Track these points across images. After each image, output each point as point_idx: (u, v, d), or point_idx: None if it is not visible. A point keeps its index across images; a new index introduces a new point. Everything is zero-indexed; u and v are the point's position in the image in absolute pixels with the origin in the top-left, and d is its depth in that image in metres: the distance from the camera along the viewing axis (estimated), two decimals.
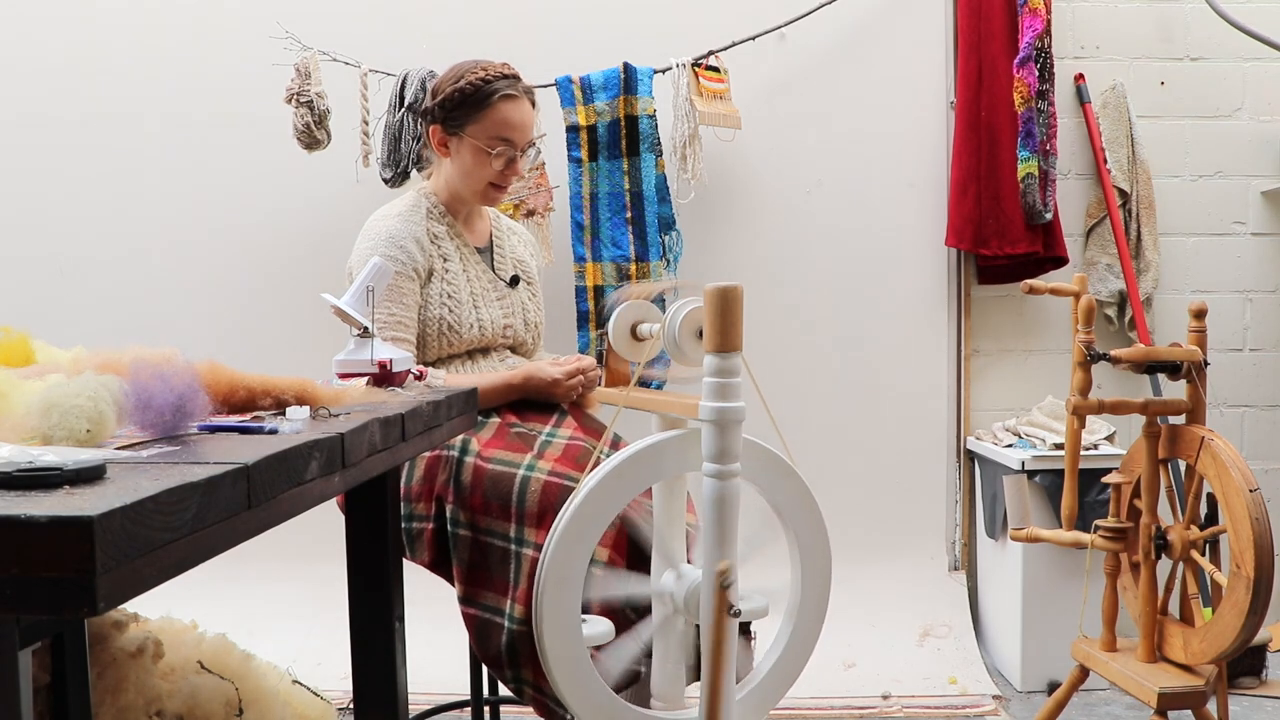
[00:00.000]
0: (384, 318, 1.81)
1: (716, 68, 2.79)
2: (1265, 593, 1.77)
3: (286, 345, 2.86)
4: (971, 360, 3.04)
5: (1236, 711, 2.46)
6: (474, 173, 1.90)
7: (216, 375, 1.07)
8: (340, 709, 2.31)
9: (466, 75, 1.88)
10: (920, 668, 2.73)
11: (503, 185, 1.93)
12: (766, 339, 2.91)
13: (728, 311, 1.22)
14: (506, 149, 1.89)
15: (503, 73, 1.89)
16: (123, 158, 2.96)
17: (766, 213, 2.98)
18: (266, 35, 2.69)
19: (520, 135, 1.90)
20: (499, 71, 1.89)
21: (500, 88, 1.87)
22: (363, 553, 1.35)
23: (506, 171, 1.91)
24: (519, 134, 1.90)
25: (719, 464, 1.25)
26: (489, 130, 1.88)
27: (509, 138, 1.89)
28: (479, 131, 1.88)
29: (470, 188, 1.92)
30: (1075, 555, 2.55)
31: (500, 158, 1.89)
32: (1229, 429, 3.05)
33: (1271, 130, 3.04)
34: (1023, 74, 2.78)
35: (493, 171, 1.90)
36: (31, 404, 0.87)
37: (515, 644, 1.60)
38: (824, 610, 1.48)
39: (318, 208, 2.91)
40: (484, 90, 1.87)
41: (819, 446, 2.89)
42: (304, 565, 2.77)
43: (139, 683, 1.44)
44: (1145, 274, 2.98)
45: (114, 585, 0.60)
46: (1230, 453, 1.84)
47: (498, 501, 1.67)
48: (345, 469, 0.98)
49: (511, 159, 1.90)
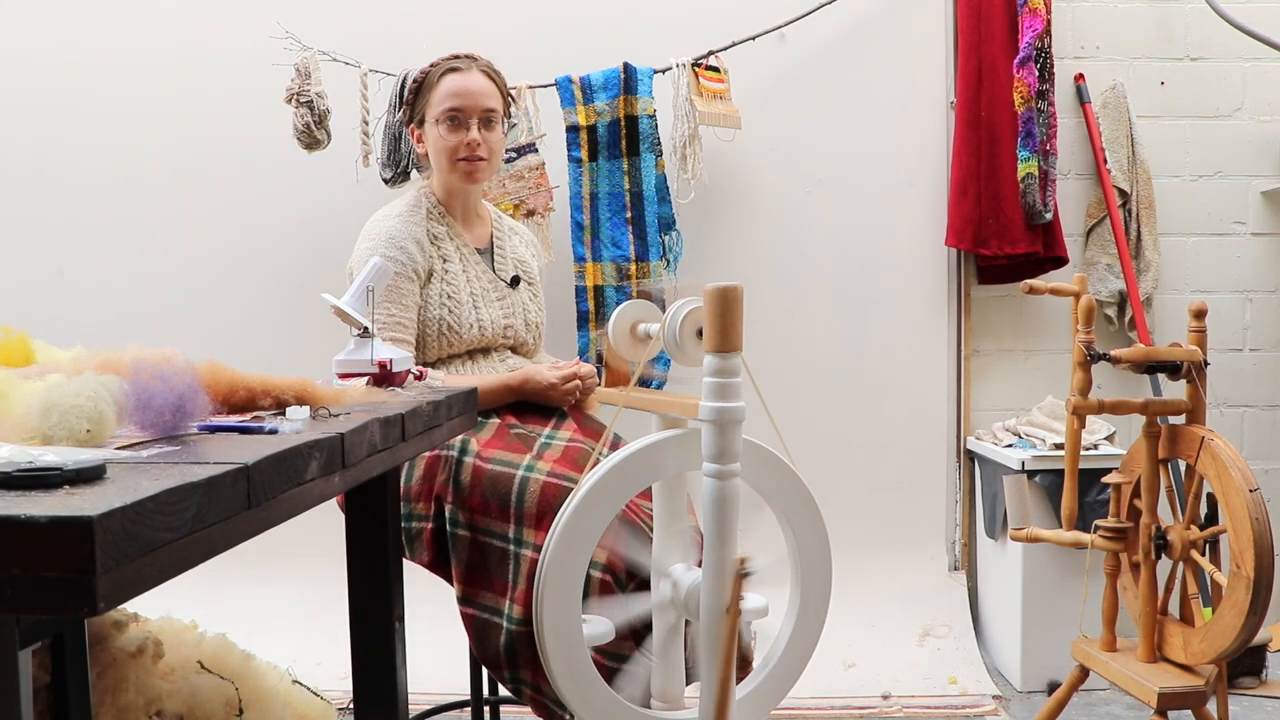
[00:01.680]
0: (383, 318, 1.82)
1: (716, 68, 2.79)
2: (1265, 593, 1.77)
3: (286, 345, 2.86)
4: (971, 360, 3.04)
5: (1236, 711, 2.46)
6: (440, 150, 1.93)
7: (216, 375, 1.07)
8: (340, 709, 2.31)
9: (422, 69, 1.95)
10: (920, 668, 2.73)
11: (470, 158, 1.92)
12: (766, 339, 2.91)
13: (728, 311, 1.22)
14: (457, 116, 1.90)
15: (453, 55, 1.95)
16: (122, 157, 2.96)
17: (766, 213, 2.98)
18: (266, 35, 2.69)
19: (468, 101, 1.91)
20: (450, 56, 1.94)
21: (444, 65, 1.93)
22: (363, 553, 1.35)
23: (467, 142, 1.91)
24: (467, 100, 1.91)
25: (719, 464, 1.25)
26: (438, 105, 1.92)
27: (456, 106, 1.91)
28: (431, 111, 1.93)
29: (442, 169, 1.95)
30: (1075, 555, 2.55)
31: (452, 126, 1.90)
32: (1229, 429, 3.05)
33: (1271, 130, 3.04)
34: (1023, 74, 2.78)
35: (450, 143, 1.91)
36: (31, 404, 0.87)
37: (514, 644, 1.60)
38: (824, 610, 1.48)
39: (318, 208, 2.91)
40: (431, 74, 1.94)
41: (819, 446, 2.89)
42: (304, 565, 2.77)
43: (139, 683, 1.44)
44: (1145, 274, 2.98)
45: (114, 585, 0.60)
46: (1230, 453, 1.84)
47: (497, 502, 1.67)
48: (345, 469, 0.98)
49: (465, 126, 1.91)
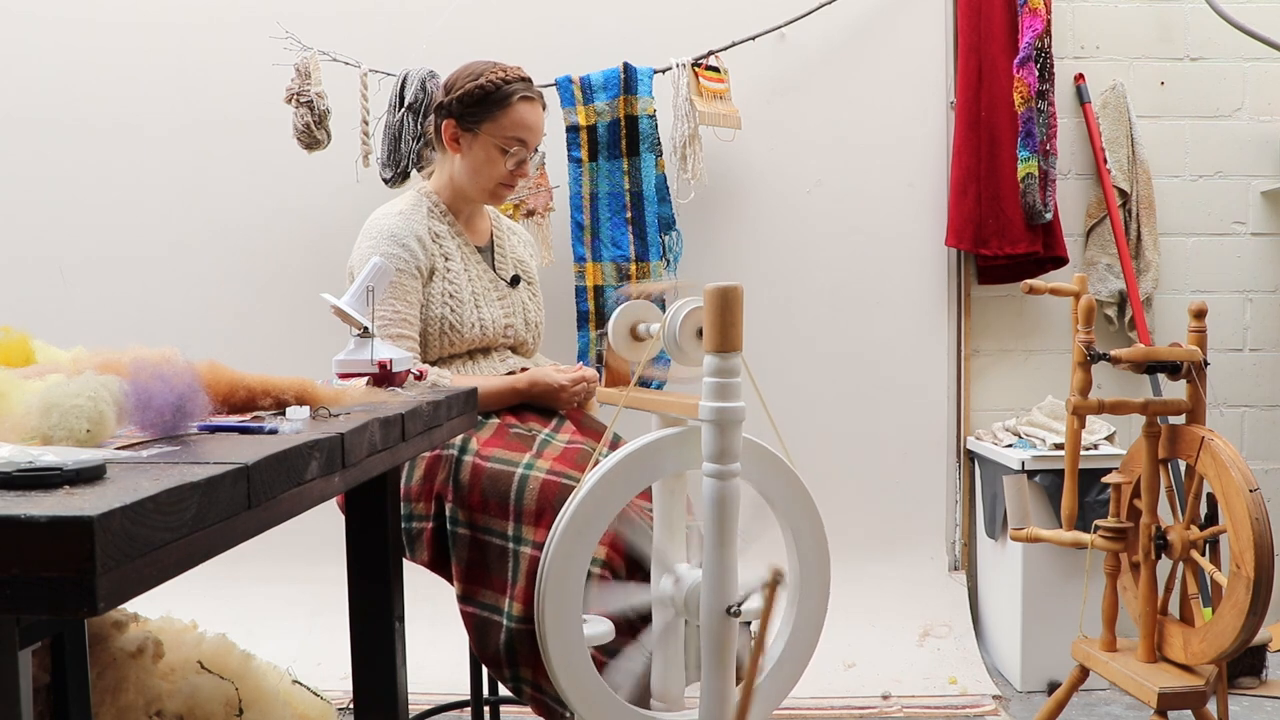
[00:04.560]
0: (387, 315, 1.82)
1: (716, 68, 2.79)
2: (1265, 593, 1.77)
3: (286, 345, 2.86)
4: (971, 360, 3.04)
5: (1236, 711, 2.46)
6: (484, 171, 1.92)
7: (216, 375, 1.07)
8: (340, 709, 2.31)
9: (485, 74, 1.90)
10: (920, 668, 2.73)
11: (511, 185, 1.96)
12: (766, 339, 2.92)
13: (728, 311, 1.22)
14: (520, 150, 1.92)
15: (520, 75, 1.93)
16: (123, 158, 2.95)
17: (766, 213, 2.98)
18: (266, 35, 2.69)
19: (534, 137, 1.94)
20: (516, 74, 1.93)
21: (519, 89, 1.91)
22: (363, 553, 1.35)
23: (516, 172, 1.94)
24: (533, 136, 1.94)
25: (719, 464, 1.25)
26: (505, 130, 1.90)
27: (524, 139, 1.92)
28: (495, 130, 1.90)
29: (479, 185, 1.94)
30: (1075, 555, 2.55)
31: (513, 158, 1.92)
32: (1229, 429, 3.05)
33: (1271, 130, 3.04)
34: (1023, 74, 2.78)
35: (503, 171, 1.93)
36: (31, 404, 0.87)
37: (514, 642, 1.60)
38: (824, 610, 1.48)
39: (318, 208, 2.91)
40: (504, 90, 1.90)
41: (819, 446, 2.89)
42: (304, 565, 2.77)
43: (139, 683, 1.44)
44: (1145, 274, 2.98)
45: (114, 585, 0.60)
46: (1230, 453, 1.84)
47: (496, 499, 1.67)
48: (345, 469, 0.98)
49: (523, 160, 1.93)
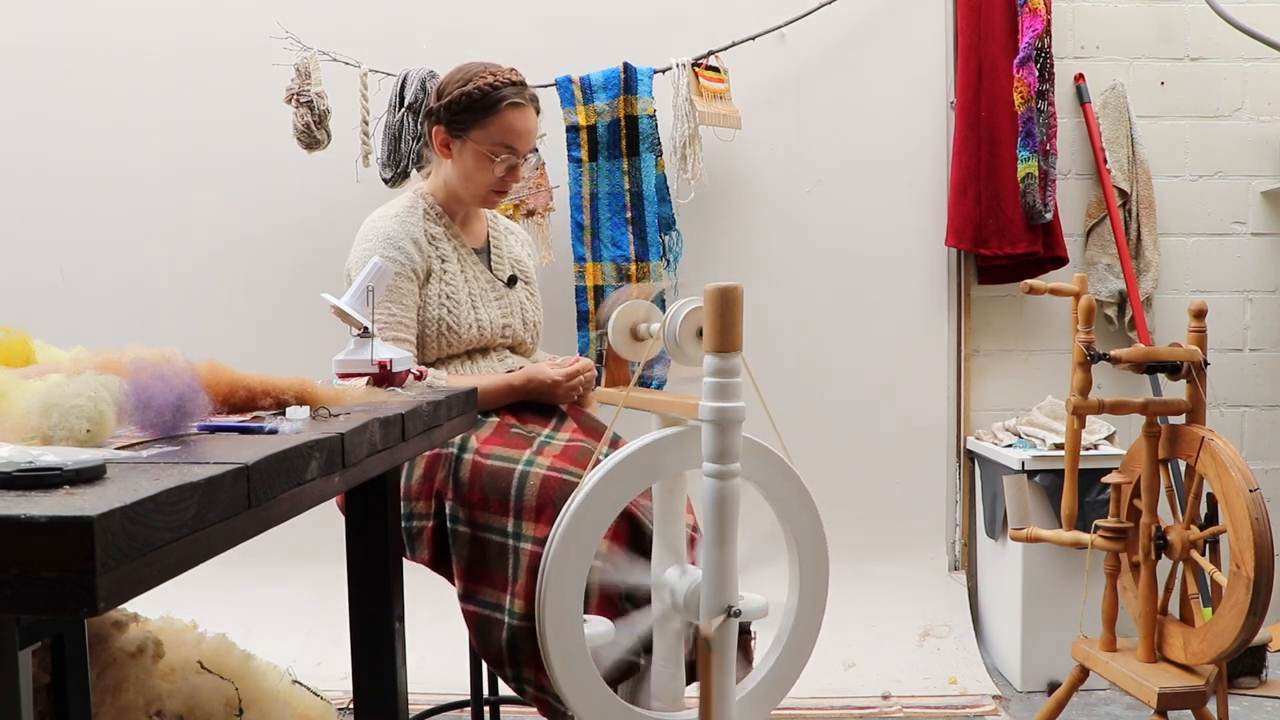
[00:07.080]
0: (384, 318, 1.82)
1: (716, 68, 2.79)
2: (1265, 593, 1.77)
3: (286, 345, 2.86)
4: (971, 360, 3.04)
5: (1236, 711, 2.46)
6: (475, 177, 1.91)
7: (216, 375, 1.07)
8: (340, 709, 2.31)
9: (474, 79, 1.87)
10: (920, 668, 2.73)
11: (503, 190, 1.94)
12: (766, 339, 2.91)
13: (728, 311, 1.22)
14: (510, 156, 1.90)
15: (510, 79, 1.89)
16: (122, 158, 2.96)
17: (766, 213, 2.98)
18: (266, 35, 2.69)
19: (524, 143, 1.91)
20: (507, 78, 1.89)
21: (508, 95, 1.87)
22: (363, 553, 1.35)
23: (507, 178, 1.92)
24: (523, 141, 1.91)
25: (719, 464, 1.25)
26: (494, 137, 1.88)
27: (513, 145, 1.89)
28: (484, 137, 1.88)
29: (471, 191, 1.93)
30: (1075, 555, 2.55)
31: (503, 164, 1.90)
32: (1229, 429, 3.05)
33: (1271, 130, 3.04)
34: (1023, 74, 2.78)
35: (494, 178, 1.91)
36: (31, 404, 0.87)
37: (516, 640, 1.60)
38: (823, 610, 1.48)
39: (318, 208, 2.91)
40: (491, 96, 1.87)
41: (819, 446, 2.89)
42: (304, 565, 2.77)
43: (139, 683, 1.45)
44: (1145, 274, 2.98)
45: (114, 585, 0.60)
46: (1230, 453, 1.84)
47: (496, 497, 1.67)
48: (345, 469, 0.98)
49: (514, 165, 1.91)
